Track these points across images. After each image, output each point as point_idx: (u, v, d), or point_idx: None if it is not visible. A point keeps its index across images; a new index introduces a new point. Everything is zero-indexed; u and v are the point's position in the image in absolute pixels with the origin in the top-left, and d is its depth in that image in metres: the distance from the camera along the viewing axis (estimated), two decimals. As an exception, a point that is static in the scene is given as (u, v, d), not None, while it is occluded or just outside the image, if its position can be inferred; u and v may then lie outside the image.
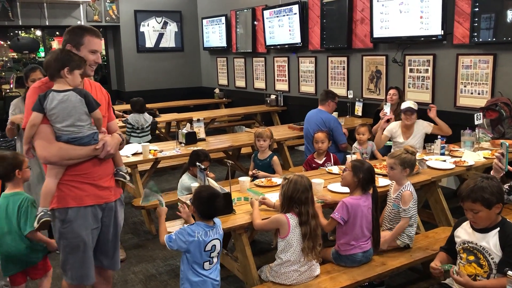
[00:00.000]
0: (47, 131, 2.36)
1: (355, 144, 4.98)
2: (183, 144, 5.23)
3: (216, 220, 2.72)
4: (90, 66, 2.53)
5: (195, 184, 3.47)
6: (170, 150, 5.04)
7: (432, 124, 4.84)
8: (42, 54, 11.19)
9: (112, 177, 2.65)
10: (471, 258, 2.42)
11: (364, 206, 3.06)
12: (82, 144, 2.42)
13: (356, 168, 3.06)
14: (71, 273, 2.56)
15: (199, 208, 2.62)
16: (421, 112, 5.75)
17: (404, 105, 4.85)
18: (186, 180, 3.99)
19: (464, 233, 2.49)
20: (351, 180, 3.08)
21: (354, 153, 4.69)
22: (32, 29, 11.42)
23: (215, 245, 2.63)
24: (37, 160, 3.73)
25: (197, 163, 3.38)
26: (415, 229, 3.35)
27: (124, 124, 6.24)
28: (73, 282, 2.60)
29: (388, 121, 4.97)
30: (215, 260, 2.67)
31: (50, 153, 2.35)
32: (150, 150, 4.83)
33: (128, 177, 2.79)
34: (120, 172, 2.70)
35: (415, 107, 4.80)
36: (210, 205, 2.61)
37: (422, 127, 4.85)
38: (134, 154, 4.83)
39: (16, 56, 12.10)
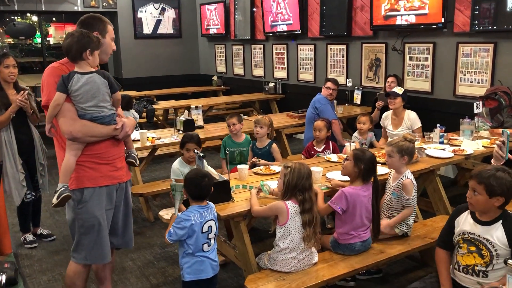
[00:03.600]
0: (71, 109, 2.46)
1: (355, 134, 4.99)
2: (181, 132, 5.21)
3: (209, 202, 2.73)
4: (109, 54, 2.78)
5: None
6: (168, 137, 5.03)
7: (420, 127, 4.80)
8: (39, 39, 11.08)
9: (124, 158, 2.77)
10: (473, 248, 2.40)
11: (364, 196, 3.04)
12: (104, 123, 2.54)
13: (358, 158, 3.03)
14: (85, 254, 2.65)
15: (189, 191, 2.65)
16: (416, 100, 5.72)
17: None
18: (176, 164, 3.87)
19: (466, 223, 2.47)
20: (351, 169, 3.06)
21: (353, 142, 4.67)
22: (29, 14, 11.29)
23: (211, 226, 2.66)
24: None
25: (195, 151, 3.35)
26: (414, 217, 3.35)
27: None
28: (87, 262, 2.70)
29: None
30: (212, 241, 2.70)
31: (76, 129, 2.44)
32: (148, 137, 4.81)
33: (138, 161, 2.92)
34: (132, 154, 2.83)
35: (400, 91, 4.82)
36: (198, 185, 2.62)
37: (411, 122, 4.82)
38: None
39: (12, 42, 11.97)
